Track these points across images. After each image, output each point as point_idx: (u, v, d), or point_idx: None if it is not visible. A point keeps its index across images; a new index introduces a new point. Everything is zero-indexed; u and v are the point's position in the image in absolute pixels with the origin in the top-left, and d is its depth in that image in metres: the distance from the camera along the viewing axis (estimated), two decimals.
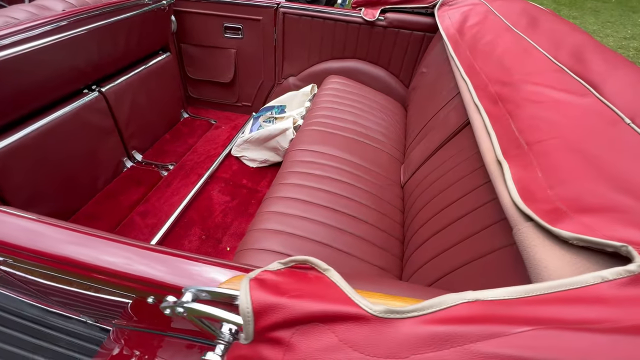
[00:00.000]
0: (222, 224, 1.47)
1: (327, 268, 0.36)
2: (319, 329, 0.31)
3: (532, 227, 0.46)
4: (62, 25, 1.15)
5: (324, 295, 0.33)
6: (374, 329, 0.30)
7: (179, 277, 0.46)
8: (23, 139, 1.17)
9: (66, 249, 0.51)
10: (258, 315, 0.32)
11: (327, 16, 1.76)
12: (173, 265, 0.48)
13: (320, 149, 1.31)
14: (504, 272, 0.55)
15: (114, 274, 0.49)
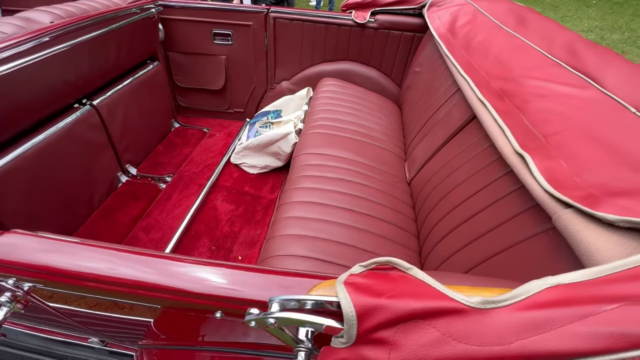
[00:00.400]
0: (230, 233, 1.45)
1: (409, 267, 0.37)
2: (420, 325, 0.32)
3: (572, 213, 0.50)
4: (51, 39, 1.10)
5: (417, 293, 0.34)
6: (474, 320, 0.32)
7: (254, 289, 0.46)
8: (16, 160, 1.10)
9: (118, 270, 0.49)
10: (361, 318, 0.33)
11: (318, 20, 1.78)
12: (240, 279, 0.47)
13: (327, 151, 1.33)
14: (544, 257, 0.58)
15: (188, 294, 0.47)
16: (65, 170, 1.30)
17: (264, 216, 1.55)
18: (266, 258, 0.92)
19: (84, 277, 0.48)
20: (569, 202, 0.52)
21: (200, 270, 0.48)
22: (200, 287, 0.46)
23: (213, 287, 0.46)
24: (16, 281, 0.50)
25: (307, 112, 1.70)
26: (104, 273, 0.49)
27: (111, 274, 0.48)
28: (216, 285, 0.46)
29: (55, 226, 1.30)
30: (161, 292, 0.49)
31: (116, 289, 0.49)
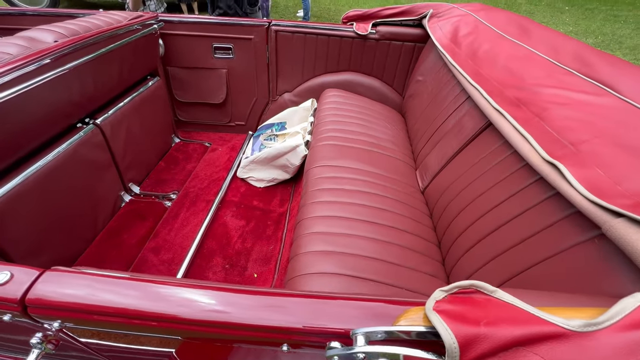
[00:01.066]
0: (242, 250, 1.42)
1: (493, 289, 0.37)
2: (522, 353, 0.32)
3: (625, 222, 0.51)
4: (57, 59, 1.07)
5: (513, 318, 0.33)
6: (577, 344, 0.31)
7: (324, 320, 0.43)
8: (20, 186, 1.05)
9: (172, 309, 0.46)
10: (464, 349, 0.31)
11: (320, 32, 1.79)
12: (310, 309, 0.45)
13: (341, 162, 1.32)
14: (589, 266, 0.59)
15: (253, 328, 0.44)
16: (70, 192, 1.25)
17: (275, 231, 1.52)
18: (294, 277, 0.90)
19: (129, 315, 0.45)
20: (619, 211, 0.52)
21: (264, 302, 0.46)
22: (268, 321, 0.44)
23: (282, 321, 0.44)
24: (61, 323, 0.46)
25: (314, 123, 1.70)
26: (152, 310, 0.46)
27: (159, 310, 0.45)
28: (285, 319, 0.44)
29: (60, 251, 1.24)
30: (214, 327, 0.46)
31: (163, 325, 0.46)
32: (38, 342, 0.53)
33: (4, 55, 0.97)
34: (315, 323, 0.43)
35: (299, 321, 0.43)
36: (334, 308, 0.44)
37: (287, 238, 1.45)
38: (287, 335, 0.44)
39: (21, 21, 1.78)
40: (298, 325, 0.43)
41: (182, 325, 0.46)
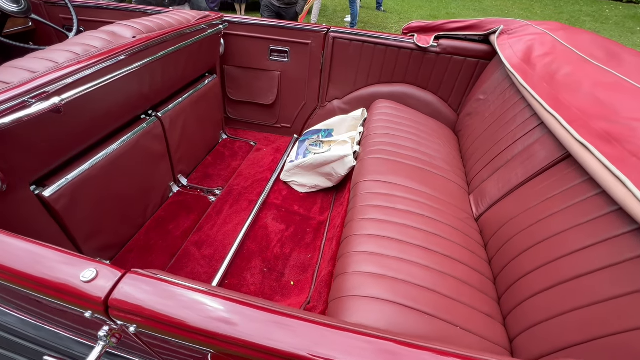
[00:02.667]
0: (281, 255, 1.41)
1: None
2: None
3: None
4: (135, 54, 1.12)
5: None
6: None
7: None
8: (91, 169, 1.11)
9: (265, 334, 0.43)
10: None
11: (378, 42, 1.76)
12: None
13: (392, 179, 1.27)
14: None
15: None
16: (128, 179, 1.31)
17: (314, 239, 1.50)
18: (341, 297, 0.86)
19: (204, 333, 0.44)
20: None
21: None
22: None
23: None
24: (137, 327, 0.46)
25: (363, 134, 1.66)
26: (229, 334, 0.43)
27: (239, 335, 0.43)
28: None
29: (112, 235, 1.30)
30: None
31: (235, 349, 0.45)
32: (104, 336, 0.54)
33: (91, 49, 1.04)
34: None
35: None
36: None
37: (325, 248, 1.42)
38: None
39: (100, 14, 1.92)
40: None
41: (272, 357, 0.43)
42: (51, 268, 0.47)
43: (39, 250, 0.49)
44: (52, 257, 0.49)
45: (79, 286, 0.45)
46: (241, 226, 1.50)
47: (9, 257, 0.48)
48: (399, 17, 7.87)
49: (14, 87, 0.79)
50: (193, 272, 1.30)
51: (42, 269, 0.47)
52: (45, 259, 0.48)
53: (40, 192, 0.97)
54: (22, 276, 0.47)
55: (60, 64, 0.93)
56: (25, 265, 0.47)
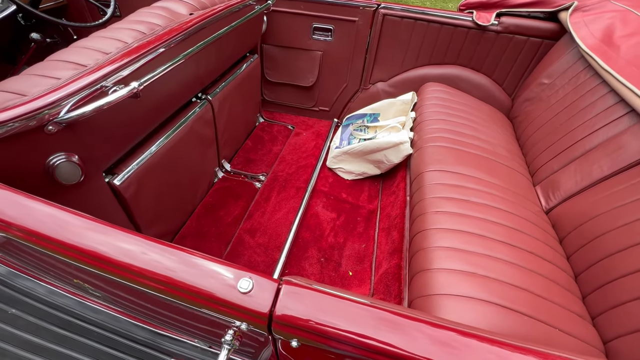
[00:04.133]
0: (335, 244, 1.38)
1: None
2: None
3: None
4: (197, 31, 1.05)
5: None
6: None
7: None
8: (153, 156, 1.07)
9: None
10: None
11: (432, 19, 1.63)
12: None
13: (459, 169, 1.21)
14: None
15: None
16: (181, 165, 1.28)
17: (366, 228, 1.46)
18: (429, 295, 0.83)
19: (377, 350, 0.40)
20: None
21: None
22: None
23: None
24: (298, 341, 0.43)
25: (415, 119, 1.58)
26: (404, 350, 0.40)
27: (417, 352, 0.39)
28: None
29: (167, 223, 1.28)
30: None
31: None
32: (230, 340, 0.51)
33: (155, 27, 0.97)
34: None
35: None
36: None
37: (380, 238, 1.39)
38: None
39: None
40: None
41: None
42: (205, 277, 0.44)
43: (190, 259, 0.46)
44: (204, 265, 0.46)
45: (240, 299, 0.42)
46: (292, 214, 1.47)
47: (165, 267, 0.45)
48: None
49: (92, 71, 0.73)
50: (251, 261, 1.28)
51: (197, 279, 0.44)
52: (198, 268, 0.45)
53: (111, 180, 0.93)
54: (178, 286, 0.44)
55: (130, 44, 0.86)
56: (183, 274, 0.44)
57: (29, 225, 0.49)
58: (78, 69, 0.76)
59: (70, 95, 0.68)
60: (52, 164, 0.72)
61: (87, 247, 0.48)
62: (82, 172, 0.80)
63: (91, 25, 1.52)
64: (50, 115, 0.66)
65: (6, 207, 0.50)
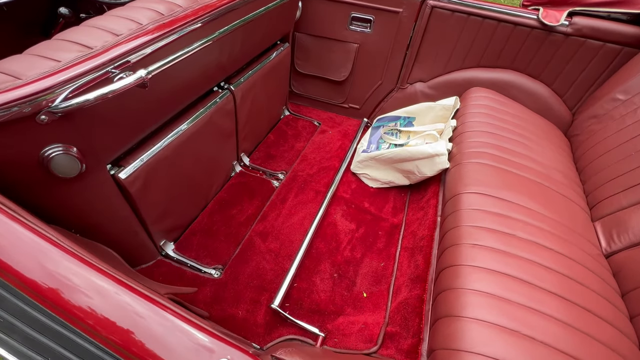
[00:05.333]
0: (351, 259, 1.27)
1: None
2: None
3: None
4: (222, 15, 0.94)
5: None
6: None
7: None
8: (164, 148, 1.00)
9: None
10: None
11: (489, 14, 1.43)
12: None
13: (506, 195, 1.04)
14: None
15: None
16: (197, 158, 1.20)
17: (387, 245, 1.33)
18: (456, 350, 0.70)
19: None
20: None
21: None
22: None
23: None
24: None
25: (456, 128, 1.40)
26: None
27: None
28: None
29: (178, 217, 1.22)
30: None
31: None
32: None
33: (175, 7, 0.87)
34: None
35: None
36: None
37: (402, 259, 1.25)
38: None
39: None
40: None
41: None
42: (173, 344, 0.34)
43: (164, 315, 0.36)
44: (178, 327, 0.36)
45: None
46: (308, 220, 1.36)
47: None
48: None
49: (97, 54, 0.65)
50: (259, 267, 1.20)
51: (159, 347, 0.34)
52: (169, 327, 0.35)
53: (116, 174, 0.87)
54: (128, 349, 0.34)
55: (144, 26, 0.77)
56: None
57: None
58: (83, 51, 0.67)
59: (68, 81, 0.60)
60: (47, 156, 0.65)
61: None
62: (81, 165, 0.73)
63: (122, 2, 1.46)
64: (45, 104, 0.58)
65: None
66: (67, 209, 0.81)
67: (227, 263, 1.20)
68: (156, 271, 1.16)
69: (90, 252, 0.46)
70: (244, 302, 1.10)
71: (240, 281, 1.16)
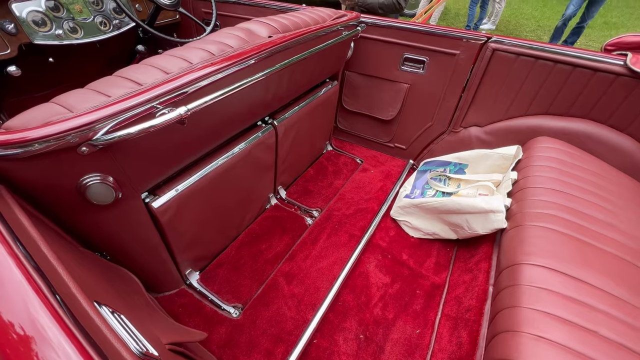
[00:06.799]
0: (382, 319, 1.12)
1: None
2: None
3: None
4: (269, 56, 0.96)
5: None
6: None
7: None
8: (201, 179, 1.01)
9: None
10: None
11: (562, 59, 1.27)
12: None
13: (581, 274, 0.84)
14: None
15: None
16: (232, 190, 1.20)
17: (425, 308, 1.16)
18: None
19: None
20: None
21: None
22: None
23: None
24: None
25: (517, 182, 1.23)
26: None
27: None
28: None
29: (206, 246, 1.21)
30: None
31: None
32: None
33: (227, 48, 0.90)
34: None
35: None
36: None
37: (442, 329, 1.07)
38: None
39: (235, 9, 1.91)
40: None
41: None
42: None
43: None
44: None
45: None
46: (338, 267, 1.26)
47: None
48: (537, 23, 6.63)
49: (144, 91, 0.67)
50: (279, 313, 1.11)
51: None
52: None
53: (150, 202, 0.88)
54: None
55: (194, 65, 0.80)
56: None
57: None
58: (133, 88, 0.71)
59: (113, 115, 0.62)
60: (84, 184, 0.67)
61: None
62: (116, 194, 0.74)
63: (189, 41, 1.61)
64: (90, 135, 0.60)
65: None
66: (100, 233, 0.83)
67: (247, 303, 1.14)
68: (177, 301, 1.14)
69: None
70: (257, 351, 1.01)
71: (257, 326, 1.08)
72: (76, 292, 0.47)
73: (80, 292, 0.48)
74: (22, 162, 0.58)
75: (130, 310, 0.63)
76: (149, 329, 0.65)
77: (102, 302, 0.52)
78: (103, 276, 0.73)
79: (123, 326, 0.52)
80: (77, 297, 0.47)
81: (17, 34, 1.33)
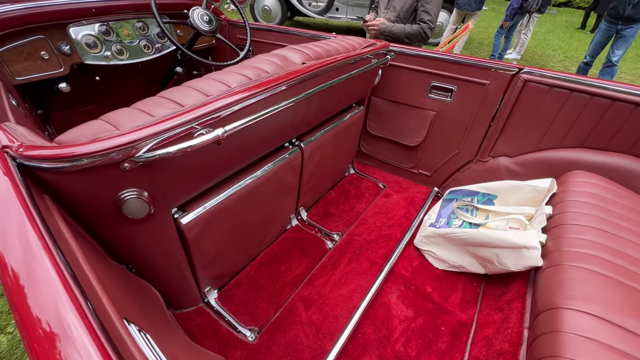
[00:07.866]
0: (403, 356, 1.05)
1: None
2: None
3: None
4: (303, 81, 0.99)
5: None
6: None
7: None
8: (227, 199, 1.02)
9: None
10: None
11: (601, 92, 1.24)
12: None
13: (631, 324, 0.76)
14: None
15: None
16: (256, 209, 1.20)
17: (451, 347, 1.08)
18: None
19: None
20: None
21: None
22: None
23: None
24: None
25: (551, 217, 1.16)
26: None
27: None
28: None
29: (227, 264, 1.20)
30: None
31: None
32: None
33: (263, 73, 0.94)
34: None
35: None
36: None
37: None
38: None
39: (268, 36, 2.01)
40: None
41: None
42: None
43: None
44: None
45: None
46: (359, 295, 1.21)
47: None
48: (564, 54, 6.56)
49: (185, 112, 0.70)
50: (296, 340, 1.07)
51: None
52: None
53: (178, 218, 0.90)
54: None
55: (232, 89, 0.84)
56: None
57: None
58: (175, 108, 0.74)
59: (155, 134, 0.64)
60: (122, 198, 0.70)
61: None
62: (149, 209, 0.76)
63: (223, 64, 1.70)
64: (133, 153, 0.63)
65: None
66: (129, 247, 0.85)
67: (264, 327, 1.11)
68: (195, 319, 1.12)
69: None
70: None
71: (273, 353, 1.04)
72: (108, 308, 0.48)
73: (112, 308, 0.48)
74: (69, 175, 0.61)
75: (154, 329, 0.63)
76: (170, 349, 0.64)
77: (131, 319, 0.52)
78: (130, 291, 0.73)
79: (148, 346, 0.51)
80: (108, 312, 0.47)
81: (72, 54, 1.45)
